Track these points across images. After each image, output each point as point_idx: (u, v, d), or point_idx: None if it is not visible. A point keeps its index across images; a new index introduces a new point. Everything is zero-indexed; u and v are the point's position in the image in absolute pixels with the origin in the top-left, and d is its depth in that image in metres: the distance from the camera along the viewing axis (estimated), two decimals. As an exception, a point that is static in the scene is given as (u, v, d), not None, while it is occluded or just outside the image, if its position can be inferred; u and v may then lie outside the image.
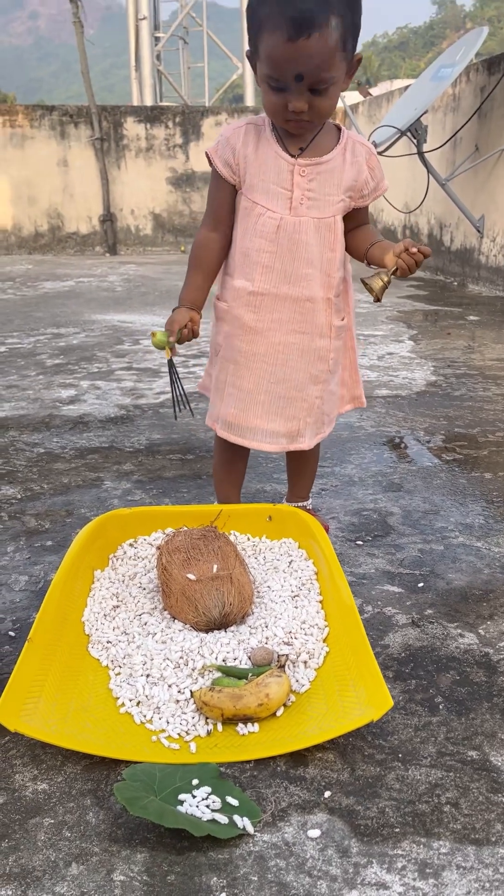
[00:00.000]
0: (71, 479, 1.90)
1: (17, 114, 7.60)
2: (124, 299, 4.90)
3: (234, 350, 1.39)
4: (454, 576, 1.42)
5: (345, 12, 1.14)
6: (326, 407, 1.46)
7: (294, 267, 1.33)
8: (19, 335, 3.74)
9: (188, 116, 7.84)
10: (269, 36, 1.15)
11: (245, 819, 0.86)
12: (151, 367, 3.07)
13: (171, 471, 1.95)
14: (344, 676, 1.06)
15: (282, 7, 1.12)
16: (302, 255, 1.32)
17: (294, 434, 1.42)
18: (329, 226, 1.33)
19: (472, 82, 5.11)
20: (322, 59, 1.15)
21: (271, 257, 1.33)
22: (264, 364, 1.38)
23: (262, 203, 1.31)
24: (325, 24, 1.12)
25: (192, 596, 1.16)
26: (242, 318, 1.37)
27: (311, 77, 1.17)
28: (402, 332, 3.73)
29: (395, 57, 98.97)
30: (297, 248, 1.32)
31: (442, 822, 0.87)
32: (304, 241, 1.32)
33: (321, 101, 1.21)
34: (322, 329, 1.38)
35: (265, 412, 1.40)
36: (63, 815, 0.88)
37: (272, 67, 1.17)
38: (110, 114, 7.71)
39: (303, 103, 1.20)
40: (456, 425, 2.30)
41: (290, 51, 1.13)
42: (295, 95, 1.19)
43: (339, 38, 1.15)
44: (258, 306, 1.36)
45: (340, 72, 1.20)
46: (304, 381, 1.39)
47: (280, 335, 1.36)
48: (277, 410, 1.40)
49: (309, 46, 1.12)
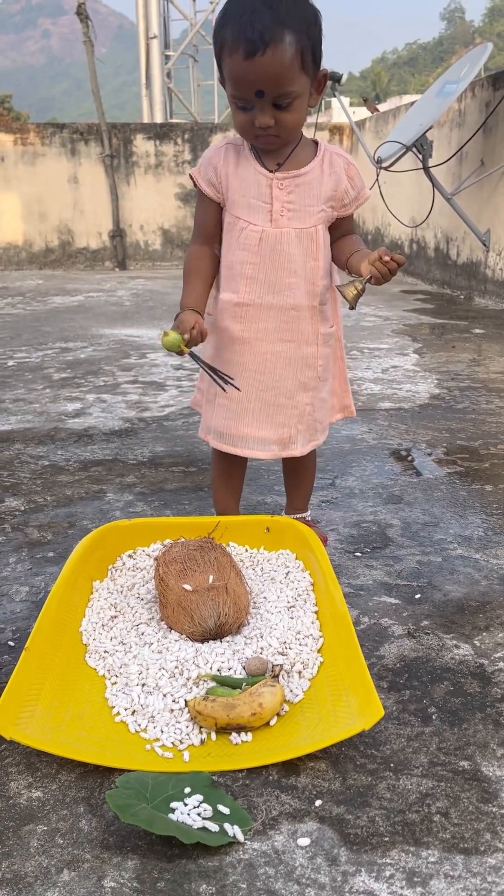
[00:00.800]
0: (74, 491, 1.92)
1: (28, 132, 7.71)
2: (132, 314, 4.94)
3: (223, 361, 1.43)
4: (451, 587, 1.42)
5: (300, 29, 1.21)
6: (319, 414, 1.48)
7: (277, 276, 1.37)
8: (28, 349, 3.78)
9: (197, 133, 7.92)
10: (229, 57, 1.22)
11: (235, 827, 0.86)
12: (157, 380, 3.09)
13: (173, 483, 1.97)
14: (337, 686, 1.06)
15: (238, 29, 1.20)
16: (284, 264, 1.36)
17: (286, 441, 1.45)
18: (311, 235, 1.37)
19: (478, 97, 5.15)
20: (279, 74, 1.21)
21: (255, 268, 1.37)
22: (252, 373, 1.41)
23: (244, 217, 1.36)
24: (280, 41, 1.19)
25: (188, 606, 1.17)
26: (229, 328, 1.40)
27: (270, 92, 1.23)
28: (407, 346, 3.75)
29: (405, 73, 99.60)
30: (280, 258, 1.36)
31: (431, 831, 0.87)
32: (286, 251, 1.36)
33: (286, 115, 1.27)
34: (308, 336, 1.41)
35: (255, 420, 1.43)
36: (56, 823, 0.89)
37: (234, 86, 1.24)
38: (120, 131, 7.80)
39: (268, 118, 1.26)
40: (458, 438, 2.30)
41: (248, 68, 1.20)
42: (260, 112, 1.26)
43: (296, 53, 1.21)
44: (244, 317, 1.39)
45: (302, 87, 1.26)
46: (293, 388, 1.42)
47: (267, 344, 1.40)
48: (267, 418, 1.43)
49: (265, 63, 1.20)
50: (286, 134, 1.30)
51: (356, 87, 75.44)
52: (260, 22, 1.18)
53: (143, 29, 12.71)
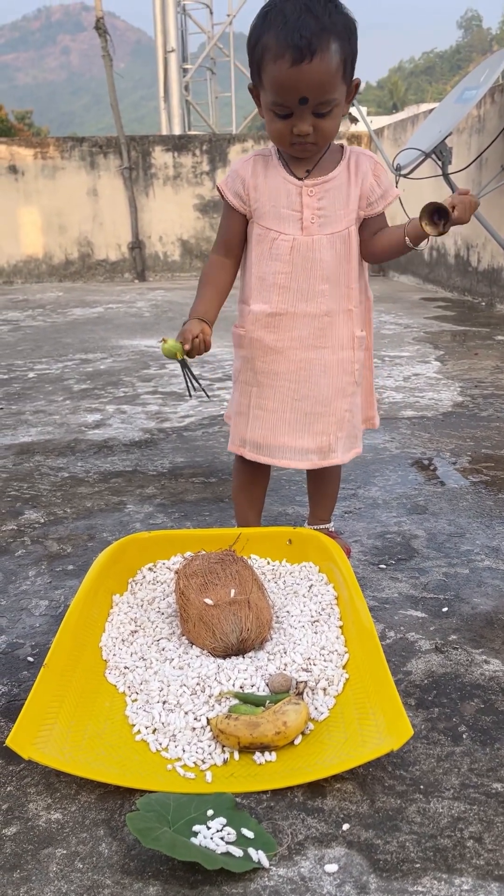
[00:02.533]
0: (94, 502, 1.90)
1: (48, 146, 7.78)
2: (152, 324, 4.94)
3: (256, 372, 1.42)
4: (479, 600, 1.38)
5: (343, 37, 1.21)
6: (357, 420, 1.48)
7: (310, 284, 1.36)
8: (48, 361, 3.79)
9: (215, 144, 7.95)
10: (272, 64, 1.21)
11: (260, 852, 0.83)
12: (177, 390, 3.08)
13: (193, 494, 1.94)
14: (364, 704, 1.03)
15: (284, 35, 1.18)
16: (317, 272, 1.35)
17: (325, 450, 1.43)
18: (343, 238, 1.36)
19: (497, 103, 5.11)
20: (324, 82, 1.20)
21: (287, 278, 1.36)
22: (286, 382, 1.40)
23: (275, 228, 1.35)
24: (326, 49, 1.19)
25: (210, 621, 1.15)
26: (262, 339, 1.40)
27: (315, 99, 1.22)
28: (429, 353, 3.71)
29: (422, 81, 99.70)
30: (313, 265, 1.35)
31: (464, 857, 0.84)
32: (318, 258, 1.35)
33: (325, 123, 1.26)
34: (344, 341, 1.40)
35: (292, 430, 1.42)
36: (76, 846, 0.86)
37: (277, 93, 1.23)
38: (139, 143, 7.85)
39: (307, 126, 1.25)
40: (483, 446, 2.26)
41: (295, 75, 1.19)
42: (299, 119, 1.25)
43: (340, 61, 1.21)
44: (277, 326, 1.38)
45: (341, 94, 1.26)
46: (331, 395, 1.41)
47: (300, 352, 1.39)
48: (304, 427, 1.42)
49: (312, 70, 1.19)
50: (323, 142, 1.30)
51: (374, 96, 75.57)
52: (307, 29, 1.17)
53: (160, 43, 12.82)
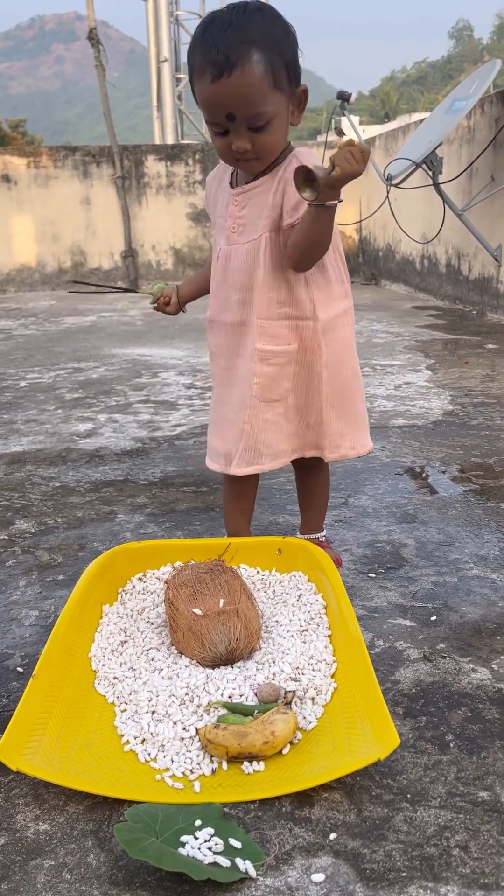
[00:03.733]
0: (85, 512, 1.91)
1: (40, 155, 7.80)
2: (144, 333, 4.95)
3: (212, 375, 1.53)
4: (468, 609, 1.39)
5: (269, 47, 1.17)
6: (263, 436, 1.37)
7: (228, 294, 1.38)
8: (40, 370, 3.80)
9: (207, 153, 7.98)
10: (198, 82, 1.20)
11: (247, 862, 0.84)
12: (169, 399, 3.09)
13: (184, 503, 1.95)
14: (351, 713, 1.04)
15: (204, 51, 1.17)
16: (232, 281, 1.37)
17: (228, 456, 1.43)
18: (257, 246, 1.32)
19: (487, 114, 5.15)
20: (247, 95, 1.17)
21: (215, 286, 1.41)
22: (217, 386, 1.48)
23: (216, 237, 1.41)
24: (247, 61, 1.15)
25: (199, 631, 1.15)
26: (208, 343, 1.49)
27: (242, 114, 1.19)
28: (420, 362, 3.73)
29: (414, 91, 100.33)
30: (229, 275, 1.37)
31: (450, 865, 0.84)
32: (234, 267, 1.36)
33: (263, 137, 1.23)
34: (250, 352, 1.36)
35: (214, 431, 1.48)
36: (64, 857, 0.87)
37: (207, 111, 1.22)
38: (131, 153, 7.88)
39: (245, 142, 1.22)
40: (472, 455, 2.28)
41: (216, 92, 1.18)
42: (235, 136, 1.23)
43: (265, 72, 1.17)
44: (210, 332, 1.46)
45: (277, 106, 1.21)
46: (238, 404, 1.40)
47: (224, 359, 1.43)
48: (219, 431, 1.46)
49: (232, 85, 1.16)
50: (266, 156, 1.27)
51: (366, 105, 76.02)
52: (224, 43, 1.15)
53: (154, 53, 12.89)
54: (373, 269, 7.97)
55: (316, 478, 1.54)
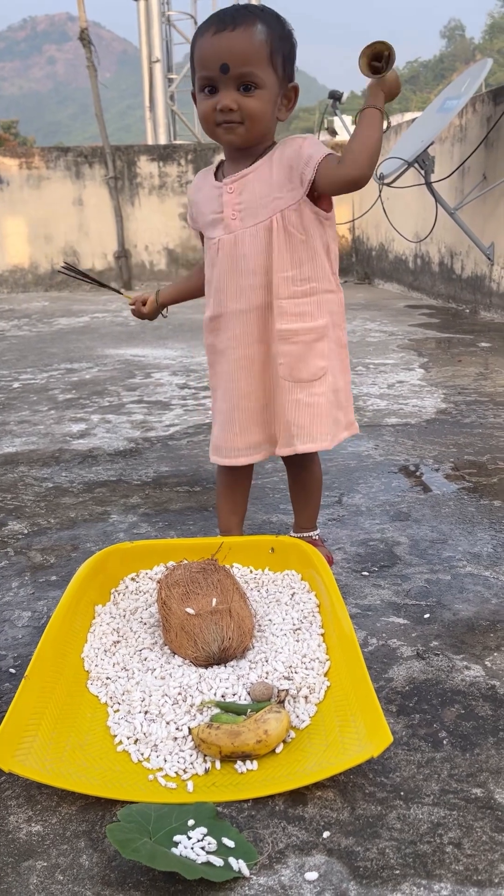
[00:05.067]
0: (78, 513, 1.90)
1: (33, 155, 7.79)
2: (138, 333, 4.95)
3: (212, 376, 1.49)
4: (461, 606, 1.39)
5: (272, 28, 1.25)
6: (292, 416, 1.37)
7: (236, 282, 1.37)
8: (33, 371, 3.79)
9: (200, 154, 7.98)
10: (199, 41, 1.26)
11: (240, 861, 0.83)
12: (162, 399, 3.08)
13: (177, 503, 1.95)
14: (345, 711, 1.04)
15: (213, 17, 1.26)
16: (240, 267, 1.36)
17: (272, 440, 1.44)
18: (266, 228, 1.32)
19: (479, 112, 5.16)
20: (245, 51, 1.23)
21: (219, 279, 1.39)
22: (230, 382, 1.42)
23: (209, 234, 1.40)
24: (251, 24, 1.24)
25: (192, 630, 1.15)
26: (211, 343, 1.46)
27: (235, 67, 1.23)
28: (413, 361, 3.73)
29: (406, 91, 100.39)
30: (236, 262, 1.36)
31: (444, 863, 0.84)
32: (240, 254, 1.36)
33: (249, 101, 1.26)
34: (272, 334, 1.38)
35: (242, 429, 1.43)
36: (56, 858, 0.86)
37: (201, 65, 1.26)
38: (124, 153, 7.87)
39: (230, 101, 1.25)
40: (465, 452, 2.28)
41: (216, 42, 1.24)
42: (223, 94, 1.26)
43: (265, 42, 1.24)
44: (217, 328, 1.43)
45: (268, 80, 1.26)
46: (270, 388, 1.41)
47: (238, 350, 1.40)
48: (252, 423, 1.42)
49: (233, 37, 1.23)
50: (250, 123, 1.27)
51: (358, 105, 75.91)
52: (234, 9, 1.25)
53: (145, 53, 12.88)
54: (366, 268, 7.98)
55: (308, 475, 1.54)
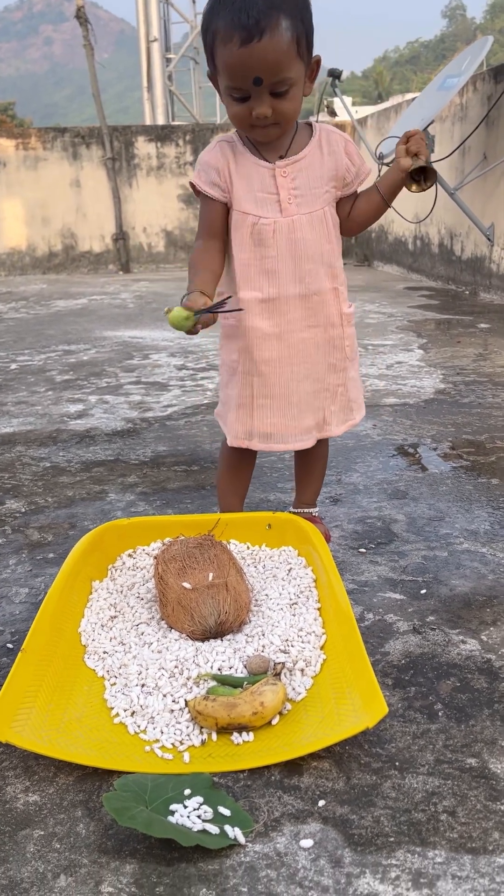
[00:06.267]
0: (75, 492, 1.90)
1: (29, 136, 7.72)
2: (136, 315, 4.93)
3: (256, 361, 1.38)
4: (457, 582, 1.40)
5: (294, 14, 1.19)
6: (352, 394, 1.48)
7: (296, 265, 1.36)
8: (31, 352, 3.78)
9: (198, 134, 7.92)
10: (223, 47, 1.19)
11: (236, 829, 0.84)
12: (160, 380, 3.08)
13: (175, 482, 1.95)
14: (340, 684, 1.04)
15: (231, 16, 1.17)
16: (301, 252, 1.35)
17: (321, 424, 1.45)
18: (321, 218, 1.36)
19: (479, 91, 5.12)
20: (277, 60, 1.19)
21: (274, 262, 1.35)
22: (289, 366, 1.39)
23: (253, 212, 1.34)
24: (276, 27, 1.17)
25: (188, 605, 1.15)
26: (258, 327, 1.37)
27: (269, 78, 1.20)
28: (412, 342, 3.72)
29: (407, 71, 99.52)
30: (297, 246, 1.35)
31: (438, 830, 0.85)
32: (301, 238, 1.35)
33: (283, 103, 1.24)
34: (333, 319, 1.41)
35: (299, 412, 1.42)
36: (53, 827, 0.87)
37: (231, 77, 1.21)
38: (121, 134, 7.81)
39: (266, 108, 1.23)
40: (464, 432, 2.28)
41: (245, 56, 1.18)
42: (257, 101, 1.23)
43: (292, 38, 1.20)
44: (271, 312, 1.37)
45: (298, 73, 1.24)
46: (324, 371, 1.42)
47: (296, 334, 1.39)
48: (307, 406, 1.42)
49: (262, 49, 1.17)
50: (286, 123, 1.28)
51: (359, 86, 75.37)
52: (255, 8, 1.15)
53: (143, 33, 12.74)
54: (365, 250, 7.94)
55: (321, 451, 1.55)
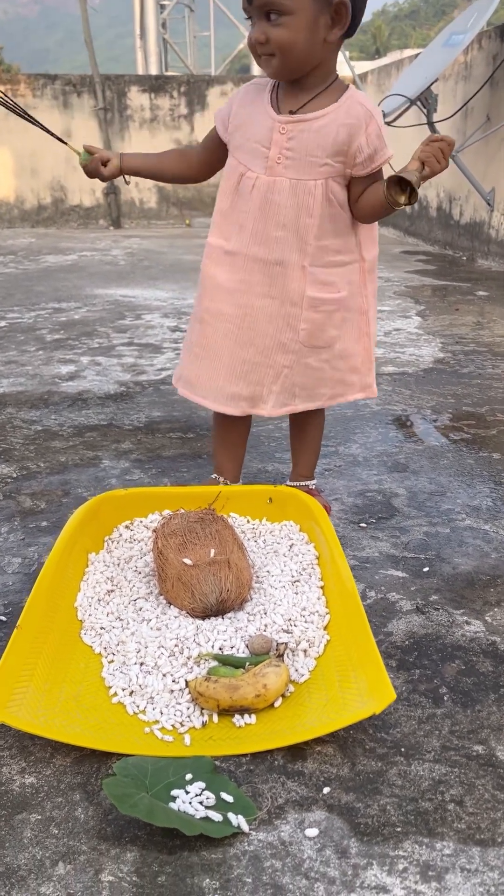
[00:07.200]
0: (68, 457, 1.86)
1: (19, 83, 7.46)
2: (127, 273, 4.82)
3: (202, 309, 1.38)
4: (460, 560, 1.37)
5: None
6: (301, 380, 1.38)
7: (265, 228, 1.29)
8: (20, 310, 3.68)
9: (193, 86, 7.69)
10: None
11: (240, 817, 0.82)
12: (153, 342, 3.01)
13: (170, 450, 1.90)
14: (345, 666, 1.02)
15: None
16: (273, 216, 1.28)
17: (256, 399, 1.39)
18: (309, 189, 1.26)
19: (485, 49, 4.97)
20: None
21: (245, 217, 1.30)
22: (230, 325, 1.35)
23: (244, 162, 1.30)
24: None
25: (189, 581, 1.12)
26: (215, 276, 1.35)
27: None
28: (410, 308, 3.66)
29: (406, 26, 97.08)
30: (270, 208, 1.28)
31: (445, 821, 0.83)
32: (276, 201, 1.28)
33: (276, 31, 1.17)
34: (293, 296, 1.32)
35: (228, 374, 1.37)
36: (51, 811, 0.84)
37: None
38: (114, 83, 7.56)
39: (258, 32, 1.19)
40: (464, 403, 2.24)
41: None
42: (254, 26, 1.19)
43: None
44: (230, 266, 1.33)
45: (299, 4, 1.15)
46: (271, 347, 1.35)
47: (248, 297, 1.33)
48: (241, 374, 1.37)
49: None
50: (281, 55, 1.19)
51: (356, 41, 73.63)
52: None
53: (137, -24, 12.27)
54: (361, 211, 7.80)
55: (314, 421, 1.50)
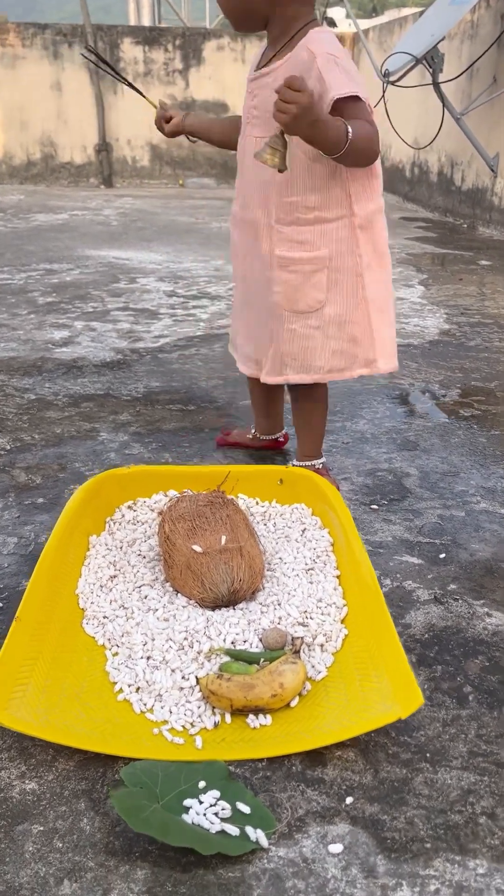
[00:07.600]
0: (64, 429, 1.77)
1: (7, 32, 7.17)
2: (120, 234, 4.68)
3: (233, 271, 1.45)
4: (477, 546, 1.31)
5: None
6: (288, 348, 1.31)
7: (242, 188, 1.30)
8: (10, 270, 3.55)
9: (188, 40, 7.42)
10: None
11: (258, 831, 0.76)
12: (149, 307, 2.90)
13: (171, 423, 1.82)
14: (365, 663, 0.96)
15: None
16: (249, 177, 1.27)
17: (259, 362, 1.40)
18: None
19: (493, 8, 4.79)
20: None
21: (238, 179, 1.33)
22: (240, 286, 1.41)
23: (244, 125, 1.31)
24: None
25: (198, 570, 1.05)
26: (233, 240, 1.41)
27: None
28: (412, 276, 3.56)
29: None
30: (246, 171, 1.28)
31: (478, 836, 0.78)
32: (247, 162, 1.26)
33: None
34: (265, 257, 1.29)
35: (247, 334, 1.42)
36: (54, 821, 0.78)
37: None
38: (106, 34, 7.29)
39: None
40: (472, 378, 2.17)
41: None
42: None
43: None
44: (233, 228, 1.39)
45: None
46: (262, 309, 1.34)
47: (241, 259, 1.37)
48: (248, 336, 1.41)
49: None
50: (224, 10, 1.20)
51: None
52: None
53: None
54: (359, 175, 7.62)
55: (311, 396, 1.41)
